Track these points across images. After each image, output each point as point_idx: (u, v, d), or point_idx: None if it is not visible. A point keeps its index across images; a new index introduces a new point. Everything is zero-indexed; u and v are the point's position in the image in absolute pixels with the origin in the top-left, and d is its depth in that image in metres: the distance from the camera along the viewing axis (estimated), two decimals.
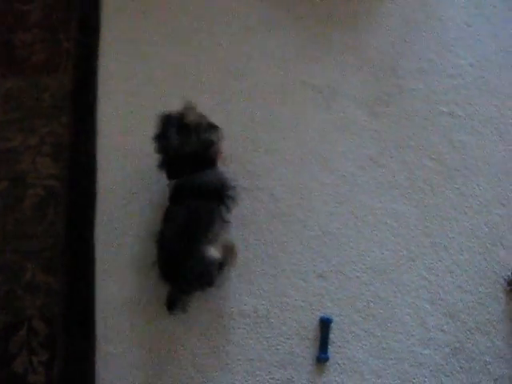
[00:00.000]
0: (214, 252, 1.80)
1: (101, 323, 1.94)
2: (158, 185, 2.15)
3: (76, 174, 2.17)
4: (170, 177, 1.89)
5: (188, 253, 1.75)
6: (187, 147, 1.87)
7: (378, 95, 2.39)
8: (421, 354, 1.96)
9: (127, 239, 2.08)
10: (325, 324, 1.96)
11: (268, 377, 1.89)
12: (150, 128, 1.98)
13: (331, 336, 1.96)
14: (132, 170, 2.25)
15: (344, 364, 1.93)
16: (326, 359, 1.92)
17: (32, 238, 2.04)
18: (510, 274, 2.04)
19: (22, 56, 2.43)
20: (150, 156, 2.03)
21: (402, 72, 2.44)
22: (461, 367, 1.95)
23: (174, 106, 1.95)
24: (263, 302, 1.99)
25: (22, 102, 2.33)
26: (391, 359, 1.95)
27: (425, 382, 1.93)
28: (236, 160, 2.21)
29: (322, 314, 1.98)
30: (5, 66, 2.40)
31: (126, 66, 2.40)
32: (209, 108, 2.08)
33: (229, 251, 1.94)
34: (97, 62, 2.42)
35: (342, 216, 2.15)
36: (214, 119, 2.08)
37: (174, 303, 1.84)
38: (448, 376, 1.93)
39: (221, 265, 1.85)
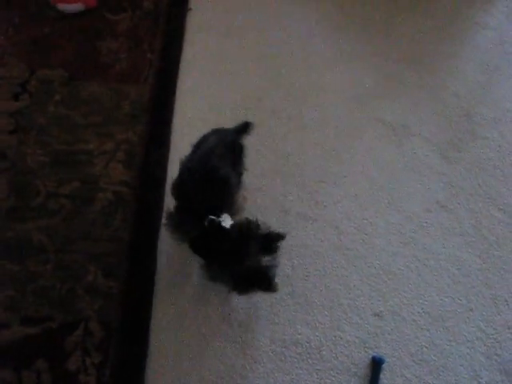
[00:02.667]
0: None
1: (155, 332, 1.90)
2: None
3: (146, 183, 2.16)
4: None
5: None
6: None
7: (451, 139, 2.34)
8: None
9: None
10: (377, 364, 1.89)
11: None
12: None
13: (381, 377, 1.88)
14: None
15: None
16: None
17: (97, 241, 2.03)
18: None
19: (107, 63, 2.45)
20: None
21: (477, 118, 2.39)
22: None
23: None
24: (317, 334, 1.94)
25: (103, 107, 2.35)
26: None
27: None
28: (304, 189, 2.17)
29: (375, 354, 1.91)
30: (90, 71, 2.43)
31: (204, 83, 2.39)
32: (281, 135, 2.06)
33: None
34: (177, 76, 2.41)
35: (404, 257, 2.09)
36: (286, 145, 2.11)
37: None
38: None
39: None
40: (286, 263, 2.06)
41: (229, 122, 2.04)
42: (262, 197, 2.19)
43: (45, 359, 1.86)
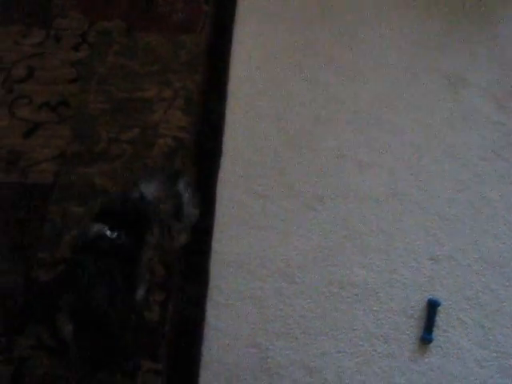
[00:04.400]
0: None
1: (215, 273, 1.91)
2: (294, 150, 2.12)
3: (205, 130, 2.15)
4: None
5: None
6: None
7: (507, 89, 2.27)
8: None
9: (247, 197, 2.07)
10: (432, 306, 1.87)
11: (370, 348, 1.83)
12: (279, 95, 2.01)
13: (437, 319, 1.86)
14: (258, 133, 2.23)
15: (447, 348, 1.84)
16: (430, 340, 1.83)
17: None
18: None
19: (164, 13, 2.44)
20: (278, 121, 2.00)
21: None
22: None
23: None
24: (374, 276, 1.92)
25: (160, 56, 2.35)
26: (495, 352, 1.84)
27: None
28: (359, 135, 2.14)
29: (431, 296, 1.89)
30: (147, 21, 2.42)
31: (260, 31, 2.38)
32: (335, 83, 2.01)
33: None
34: (233, 25, 2.39)
35: (459, 203, 2.06)
36: (340, 93, 2.06)
37: None
38: None
39: None
40: (343, 207, 2.03)
41: (286, 68, 2.01)
42: (316, 140, 2.15)
43: None
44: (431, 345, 1.82)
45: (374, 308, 1.87)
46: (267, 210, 2.03)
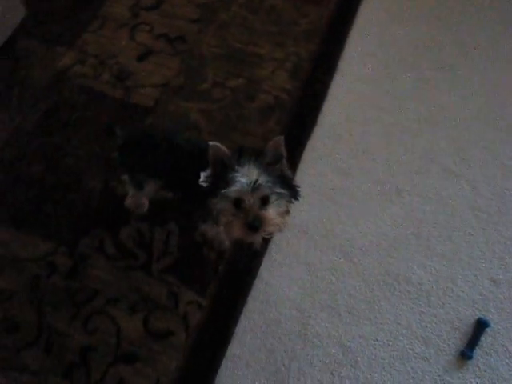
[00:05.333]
0: None
1: (280, 233, 1.91)
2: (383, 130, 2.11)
3: (306, 96, 2.17)
4: None
5: None
6: None
7: None
8: None
9: (330, 171, 2.10)
10: (481, 325, 1.82)
11: (408, 346, 1.80)
12: (385, 86, 2.06)
13: (482, 339, 1.81)
14: (355, 115, 2.24)
15: (485, 371, 1.79)
16: (470, 357, 1.79)
17: (248, 135, 2.08)
18: None
19: None
20: (378, 109, 2.07)
21: None
22: None
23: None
24: (430, 279, 1.89)
25: (282, 19, 2.37)
26: None
27: None
28: (453, 143, 2.10)
29: (482, 316, 1.84)
30: None
31: (381, 20, 2.36)
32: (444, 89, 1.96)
33: None
34: (357, 9, 2.39)
35: None
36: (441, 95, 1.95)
37: None
38: None
39: None
40: (418, 206, 2.01)
41: (398, 63, 1.99)
42: (410, 138, 2.16)
43: (176, 224, 1.91)
44: (470, 362, 1.78)
45: (422, 310, 1.84)
46: (346, 188, 2.02)
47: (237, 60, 2.26)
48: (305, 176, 2.03)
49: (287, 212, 1.47)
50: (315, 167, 2.05)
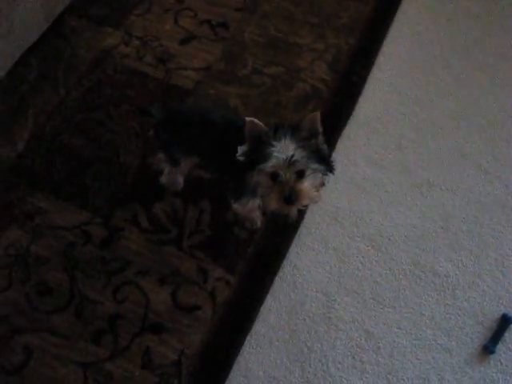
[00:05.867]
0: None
1: (309, 217, 1.94)
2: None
3: (343, 88, 2.18)
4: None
5: None
6: None
7: None
8: None
9: (362, 161, 2.12)
10: (506, 321, 1.82)
11: (431, 337, 1.80)
12: (422, 82, 2.10)
13: (506, 335, 1.80)
14: (390, 108, 2.25)
15: (506, 366, 1.78)
16: (492, 352, 1.78)
17: (285, 121, 2.07)
18: None
19: None
20: (412, 104, 2.11)
21: None
22: None
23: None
24: (457, 273, 1.89)
25: (324, 11, 2.40)
26: None
27: None
28: (488, 141, 2.12)
29: (507, 312, 1.83)
30: None
31: (421, 21, 2.38)
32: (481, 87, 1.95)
33: None
34: (398, 7, 2.40)
35: None
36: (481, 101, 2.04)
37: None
38: None
39: None
40: (449, 200, 2.01)
41: (436, 59, 2.01)
42: (443, 134, 2.17)
43: (209, 202, 1.94)
44: (492, 356, 1.77)
45: (447, 302, 1.84)
46: (377, 178, 2.03)
47: (277, 49, 2.28)
48: (338, 164, 2.02)
49: (322, 185, 1.49)
50: (348, 157, 2.06)
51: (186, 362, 1.68)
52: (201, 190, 1.95)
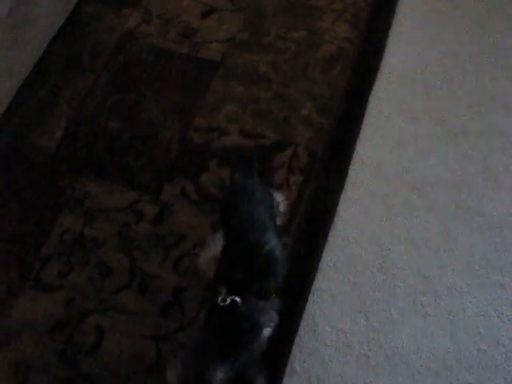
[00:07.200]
0: None
1: (353, 173, 1.93)
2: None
3: (368, 45, 2.16)
4: None
5: None
6: None
7: None
8: None
9: (395, 114, 2.09)
10: None
11: (485, 276, 1.82)
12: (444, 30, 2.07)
13: None
14: (416, 59, 2.22)
15: None
16: None
17: (316, 83, 2.08)
18: None
19: None
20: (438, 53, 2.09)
21: None
22: None
23: None
24: (502, 212, 1.91)
25: None
26: None
27: None
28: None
29: None
30: None
31: None
32: None
33: None
34: None
35: None
36: None
37: None
38: None
39: None
40: (485, 144, 2.04)
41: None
42: (470, 79, 2.16)
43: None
44: None
45: (496, 240, 1.84)
46: (412, 130, 2.03)
47: (296, 14, 2.25)
48: (372, 119, 2.03)
49: None
50: (381, 111, 2.05)
51: None
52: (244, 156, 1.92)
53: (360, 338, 1.69)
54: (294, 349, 1.69)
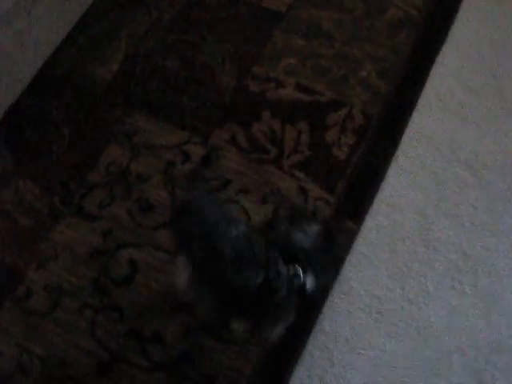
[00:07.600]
0: None
1: (406, 142, 1.88)
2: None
3: (436, 13, 2.09)
4: None
5: None
6: None
7: None
8: None
9: (457, 87, 2.04)
10: None
11: None
12: None
13: None
14: (485, 32, 2.14)
15: None
16: None
17: (379, 46, 2.02)
18: None
19: None
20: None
21: None
22: None
23: None
24: None
25: None
26: None
27: None
28: None
29: None
30: None
31: None
32: None
33: None
34: None
35: None
36: None
37: None
38: None
39: None
40: None
41: None
42: None
43: (307, 123, 1.89)
44: None
45: None
46: (473, 105, 1.96)
47: None
48: (433, 90, 1.97)
49: None
50: (443, 83, 1.99)
51: None
52: (298, 112, 1.88)
53: (393, 307, 1.66)
54: (326, 309, 1.64)
